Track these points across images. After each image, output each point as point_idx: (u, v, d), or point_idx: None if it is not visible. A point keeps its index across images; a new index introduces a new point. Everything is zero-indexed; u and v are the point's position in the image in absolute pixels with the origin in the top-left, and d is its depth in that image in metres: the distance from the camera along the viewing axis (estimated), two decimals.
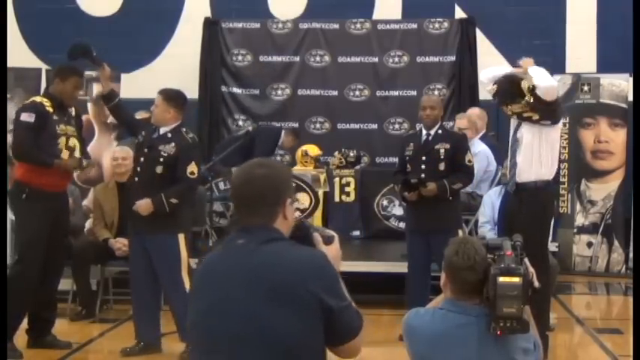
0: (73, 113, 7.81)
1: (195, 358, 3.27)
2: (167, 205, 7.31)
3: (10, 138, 8.48)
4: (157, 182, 7.37)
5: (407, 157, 8.17)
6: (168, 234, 7.31)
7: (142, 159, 7.53)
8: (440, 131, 8.17)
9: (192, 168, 7.40)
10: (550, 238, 9.22)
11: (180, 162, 7.37)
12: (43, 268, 7.49)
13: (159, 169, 7.39)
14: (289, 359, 3.07)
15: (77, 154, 7.63)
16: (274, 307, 3.05)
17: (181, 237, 7.37)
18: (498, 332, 3.52)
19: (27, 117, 7.44)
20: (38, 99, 7.62)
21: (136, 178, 7.56)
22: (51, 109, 7.50)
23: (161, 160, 7.38)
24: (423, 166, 8.04)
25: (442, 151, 8.04)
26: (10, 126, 11.44)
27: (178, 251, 7.33)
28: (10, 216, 11.25)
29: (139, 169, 7.54)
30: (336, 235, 3.39)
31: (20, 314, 7.52)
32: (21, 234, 7.69)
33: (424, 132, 8.18)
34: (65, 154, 7.53)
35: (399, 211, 10.89)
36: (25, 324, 7.63)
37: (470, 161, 8.15)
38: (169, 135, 7.47)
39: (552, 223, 8.18)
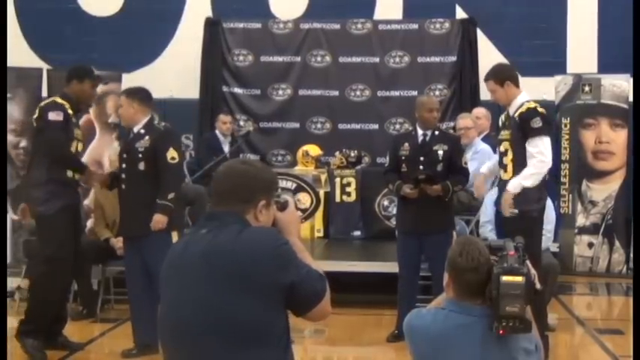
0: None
1: (165, 351, 3.32)
2: (169, 202, 7.35)
3: (8, 139, 8.40)
4: (143, 180, 7.43)
5: (402, 157, 8.16)
6: (162, 233, 7.30)
7: (124, 165, 7.57)
8: (436, 132, 8.19)
9: (172, 153, 7.44)
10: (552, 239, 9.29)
11: (159, 151, 7.42)
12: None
13: (141, 166, 7.44)
14: (255, 345, 3.11)
15: (84, 159, 7.65)
16: (233, 296, 3.09)
17: (175, 235, 7.37)
18: (501, 332, 3.52)
19: (55, 116, 7.33)
20: (58, 100, 7.49)
21: (124, 186, 7.57)
22: (70, 112, 7.45)
23: (140, 156, 7.43)
24: (421, 167, 8.03)
25: (440, 152, 8.05)
26: (11, 125, 11.52)
27: None
28: (12, 215, 11.36)
29: (123, 175, 7.56)
30: (291, 199, 3.46)
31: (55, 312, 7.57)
32: (51, 232, 7.49)
33: (420, 132, 8.17)
34: None
35: None
36: None
37: (466, 163, 8.26)
38: (142, 131, 7.53)
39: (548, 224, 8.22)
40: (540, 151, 7.11)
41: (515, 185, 7.13)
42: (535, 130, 7.10)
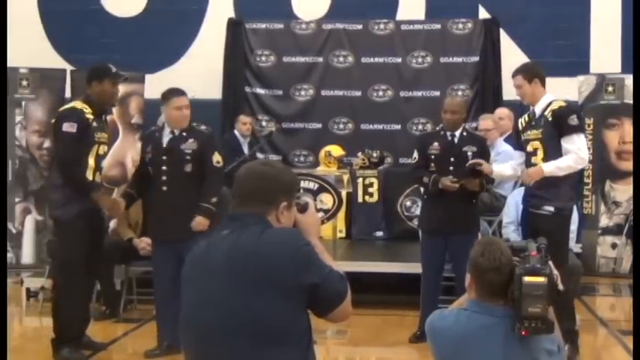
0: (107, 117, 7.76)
1: (187, 352, 3.33)
2: (213, 206, 7.36)
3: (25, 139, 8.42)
4: (188, 181, 7.43)
5: (432, 156, 8.15)
6: (204, 237, 7.23)
7: (164, 167, 7.49)
8: (464, 133, 8.20)
9: (217, 157, 7.51)
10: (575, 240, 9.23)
11: (205, 154, 7.45)
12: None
13: (188, 168, 7.44)
14: (277, 345, 3.13)
15: (105, 162, 7.61)
16: (256, 298, 3.11)
17: None
18: (523, 332, 3.51)
19: (69, 127, 7.23)
20: (79, 105, 7.37)
21: (165, 187, 7.49)
22: (91, 116, 7.33)
23: (187, 158, 7.43)
24: (451, 167, 8.03)
25: (470, 153, 8.05)
26: (35, 126, 11.59)
27: None
28: (36, 216, 11.44)
29: (164, 177, 7.49)
30: (311, 201, 3.47)
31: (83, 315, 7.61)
32: (67, 237, 7.44)
33: (448, 133, 8.18)
34: (92, 162, 7.35)
35: None
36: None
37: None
38: (184, 133, 7.53)
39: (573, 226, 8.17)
40: (579, 148, 7.10)
41: (550, 167, 7.08)
42: (572, 127, 7.10)
